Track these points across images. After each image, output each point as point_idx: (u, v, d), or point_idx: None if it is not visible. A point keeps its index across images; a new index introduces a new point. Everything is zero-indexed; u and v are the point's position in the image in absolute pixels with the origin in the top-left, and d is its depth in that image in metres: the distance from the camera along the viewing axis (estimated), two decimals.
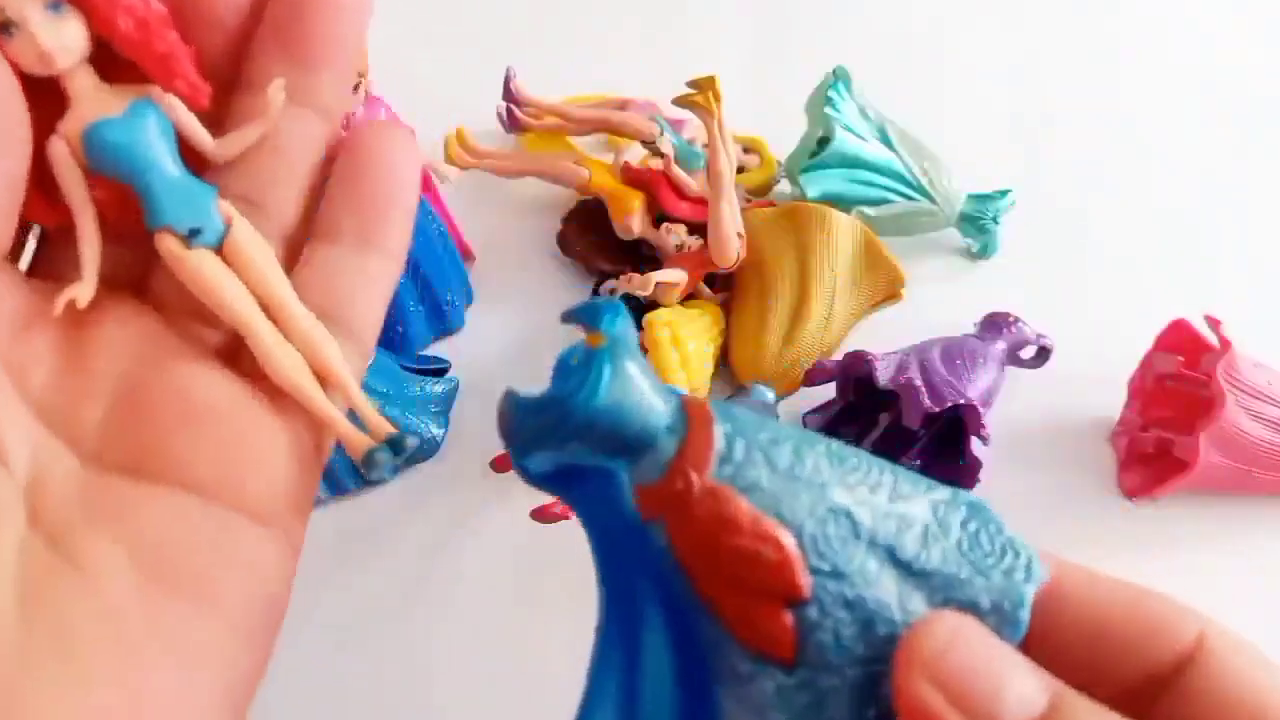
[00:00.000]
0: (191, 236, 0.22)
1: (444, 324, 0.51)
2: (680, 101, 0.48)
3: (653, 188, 0.51)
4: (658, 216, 0.52)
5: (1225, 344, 0.44)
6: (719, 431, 0.19)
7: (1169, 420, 0.47)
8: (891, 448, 0.47)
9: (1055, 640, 0.19)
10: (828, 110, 0.52)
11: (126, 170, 0.21)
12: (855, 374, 0.46)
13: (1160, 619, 0.19)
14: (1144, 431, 0.47)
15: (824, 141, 0.53)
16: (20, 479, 0.20)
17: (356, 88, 0.43)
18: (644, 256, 0.52)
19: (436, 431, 0.46)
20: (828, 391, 0.47)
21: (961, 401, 0.42)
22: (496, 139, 0.57)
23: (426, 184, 0.50)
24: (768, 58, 0.67)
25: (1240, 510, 0.47)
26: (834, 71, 0.54)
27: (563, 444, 0.19)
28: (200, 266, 0.22)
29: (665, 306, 0.49)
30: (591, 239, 0.54)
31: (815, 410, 0.48)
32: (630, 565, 0.19)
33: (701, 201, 0.50)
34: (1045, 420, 0.50)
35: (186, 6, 0.21)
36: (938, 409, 0.42)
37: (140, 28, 0.20)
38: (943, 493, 0.20)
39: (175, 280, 0.22)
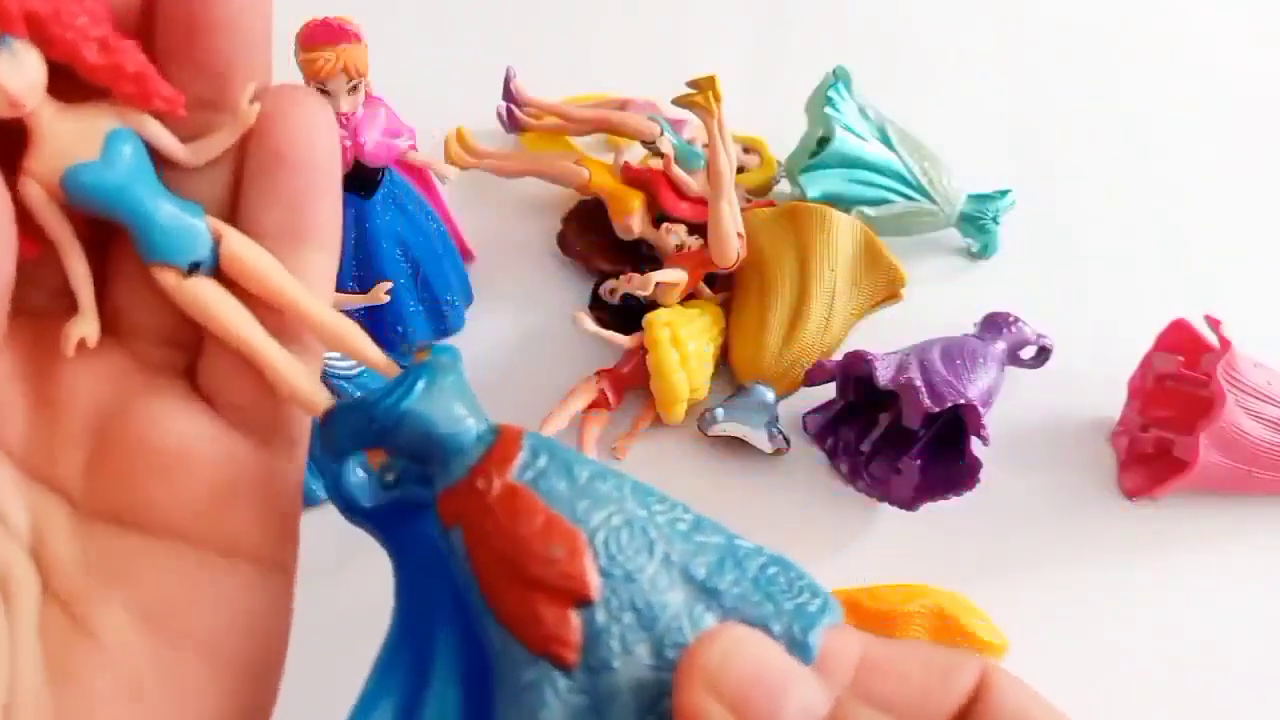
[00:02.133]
0: (192, 271, 0.21)
1: (443, 324, 0.51)
2: (680, 101, 0.48)
3: (653, 188, 0.51)
4: (658, 216, 0.52)
5: (1225, 344, 0.44)
6: (526, 443, 0.20)
7: (1169, 420, 0.47)
8: (891, 448, 0.47)
9: (873, 706, 0.19)
10: (828, 110, 0.52)
11: (116, 211, 0.20)
12: (855, 374, 0.46)
13: (951, 664, 0.19)
14: (1144, 431, 0.47)
15: (824, 141, 0.53)
16: (23, 540, 0.20)
17: (356, 88, 0.43)
18: (644, 256, 0.52)
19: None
20: (828, 391, 0.47)
21: (961, 401, 0.42)
22: (496, 139, 0.57)
23: (427, 184, 0.50)
24: (768, 58, 0.67)
25: (1240, 510, 0.47)
26: (834, 71, 0.54)
27: (371, 443, 0.20)
28: (198, 295, 0.21)
29: (665, 306, 0.49)
30: (591, 239, 0.54)
31: (815, 410, 0.48)
32: (428, 596, 0.20)
33: (701, 201, 0.50)
34: (1045, 420, 0.50)
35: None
36: (938, 409, 0.42)
37: (106, 53, 0.19)
38: (748, 543, 0.20)
39: (142, 299, 0.21)
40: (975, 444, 0.43)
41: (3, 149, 0.19)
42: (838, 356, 0.46)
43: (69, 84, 0.19)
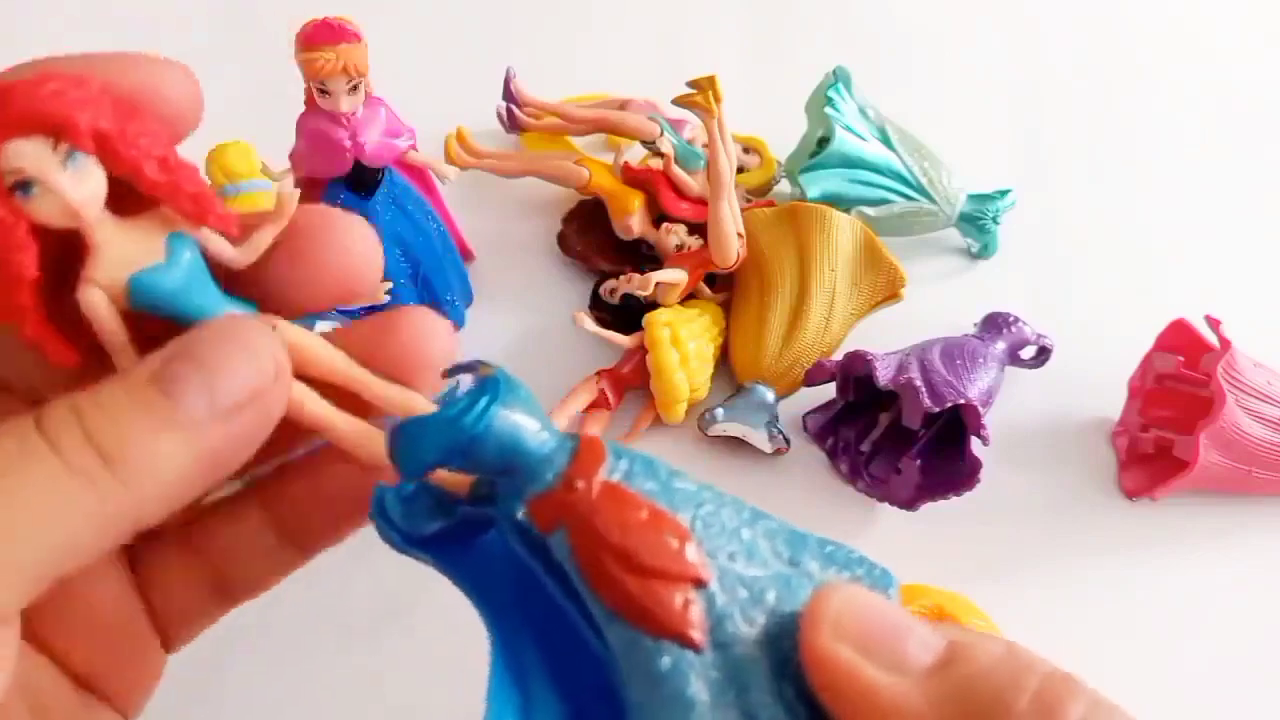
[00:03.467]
0: None
1: None
2: (680, 101, 0.48)
3: (653, 188, 0.51)
4: (658, 216, 0.52)
5: (1225, 344, 0.44)
6: (609, 447, 0.20)
7: (1169, 420, 0.47)
8: (891, 448, 0.47)
9: None
10: (828, 110, 0.52)
11: (179, 312, 0.21)
12: (855, 374, 0.46)
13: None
14: (1144, 431, 0.47)
15: (824, 141, 0.53)
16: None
17: (356, 88, 0.43)
18: (644, 256, 0.52)
19: None
20: (828, 391, 0.47)
21: (961, 401, 0.42)
22: (496, 139, 0.57)
23: (427, 184, 0.50)
24: (768, 58, 0.67)
25: (1240, 510, 0.47)
26: (834, 71, 0.54)
27: (453, 458, 0.20)
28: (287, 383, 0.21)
29: (665, 306, 0.49)
30: (591, 239, 0.54)
31: (815, 410, 0.48)
32: (519, 613, 0.20)
33: (701, 201, 0.50)
34: (1045, 420, 0.50)
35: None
36: (938, 409, 0.42)
37: (166, 171, 0.20)
38: (798, 528, 0.21)
39: None
40: (975, 444, 0.43)
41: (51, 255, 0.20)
42: (838, 356, 0.46)
43: (122, 202, 0.20)
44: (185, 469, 0.18)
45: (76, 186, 0.19)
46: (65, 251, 0.20)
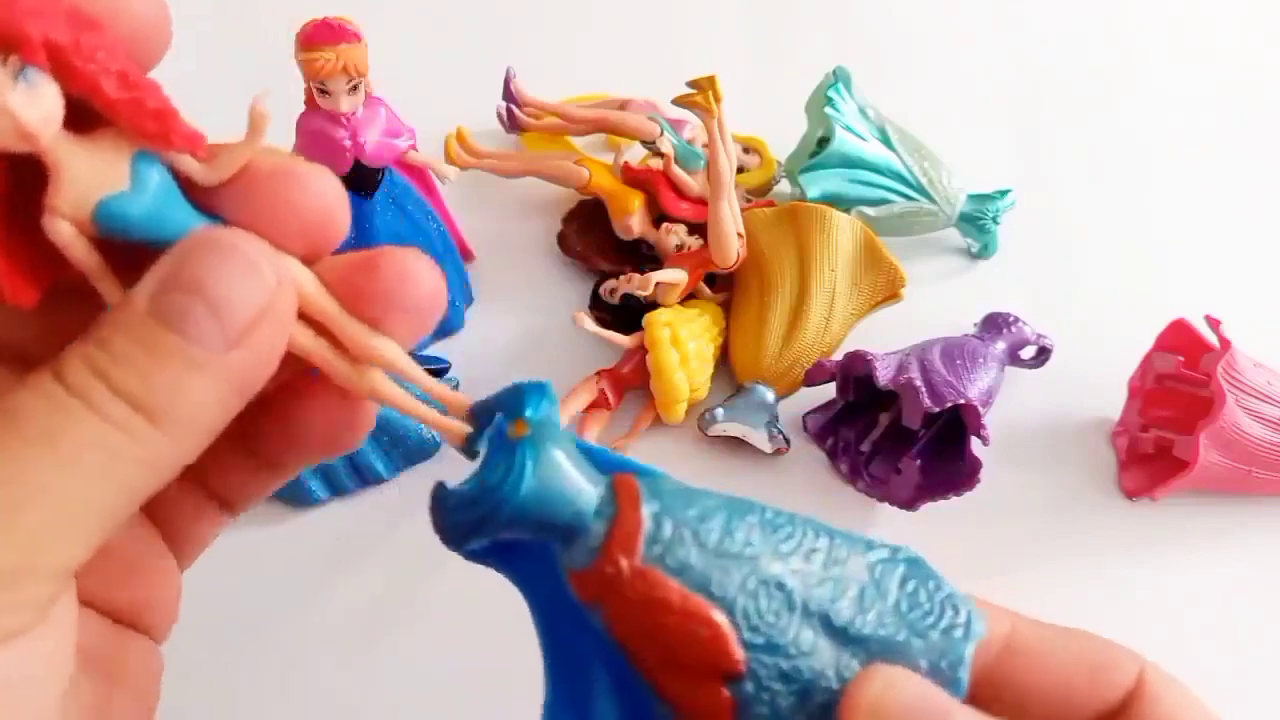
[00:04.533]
0: None
1: (443, 324, 0.51)
2: (680, 101, 0.48)
3: (653, 188, 0.51)
4: (658, 216, 0.52)
5: (1225, 344, 0.44)
6: (647, 513, 0.19)
7: (1169, 420, 0.47)
8: (891, 447, 0.47)
9: (1013, 693, 0.19)
10: (828, 110, 0.52)
11: (152, 237, 0.19)
12: (855, 374, 0.46)
13: (1104, 661, 0.20)
14: (1144, 431, 0.47)
15: (824, 141, 0.53)
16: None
17: (356, 88, 0.43)
18: (644, 256, 0.52)
19: (436, 432, 0.46)
20: (828, 391, 0.47)
21: (961, 401, 0.42)
22: (496, 139, 0.57)
23: (427, 184, 0.50)
24: (768, 58, 0.68)
25: (1240, 510, 0.47)
26: (834, 71, 0.54)
27: (494, 534, 0.19)
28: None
29: (665, 306, 0.49)
30: (591, 239, 0.54)
31: (815, 410, 0.48)
32: (576, 637, 0.20)
33: (701, 201, 0.50)
34: (1045, 420, 0.50)
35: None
36: (938, 409, 0.42)
37: (127, 87, 0.18)
38: (881, 552, 0.20)
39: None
40: (975, 444, 0.43)
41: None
42: (838, 356, 0.46)
43: (77, 121, 0.19)
44: (216, 403, 0.18)
45: (28, 106, 0.17)
46: (14, 180, 0.18)
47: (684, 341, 0.47)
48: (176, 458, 0.18)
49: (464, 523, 0.19)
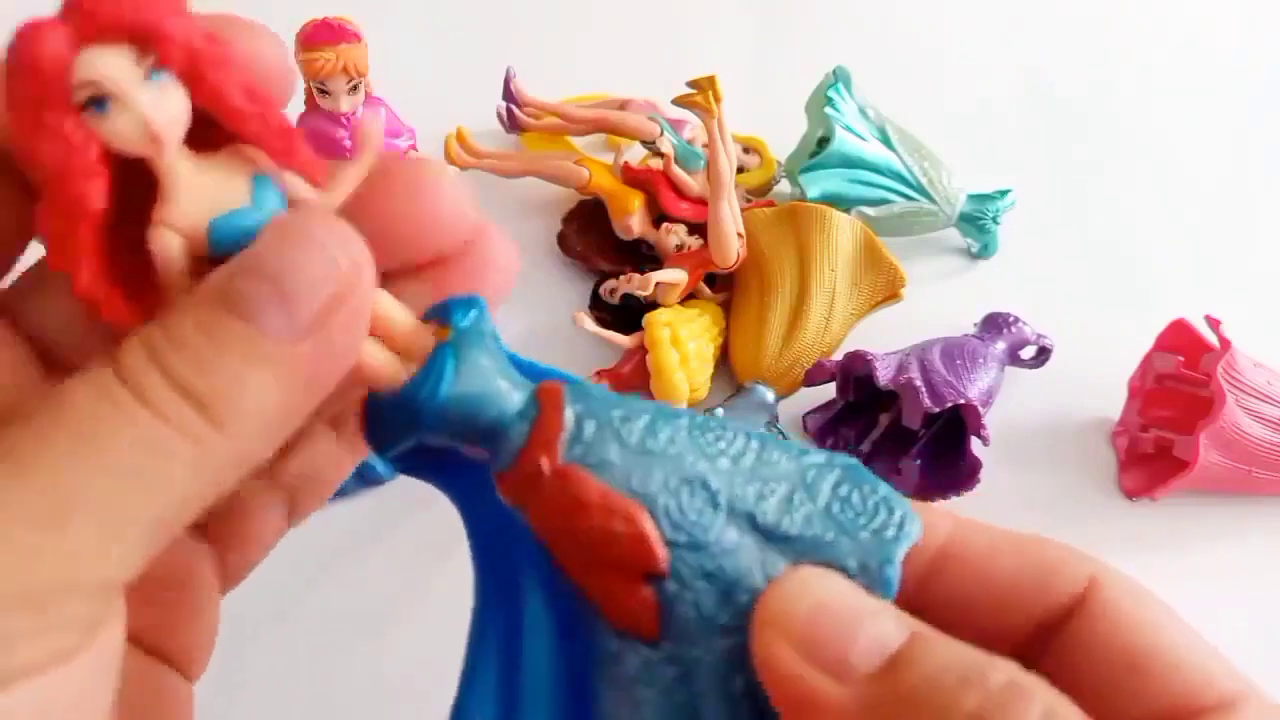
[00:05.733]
0: None
1: None
2: (680, 101, 0.48)
3: (653, 188, 0.51)
4: (658, 216, 0.52)
5: (1225, 344, 0.44)
6: (570, 414, 0.19)
7: (1169, 420, 0.47)
8: (891, 448, 0.47)
9: (950, 596, 0.18)
10: (828, 110, 0.52)
11: None
12: (855, 374, 0.46)
13: (1053, 564, 0.18)
14: (1144, 431, 0.47)
15: (824, 141, 0.53)
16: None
17: (356, 88, 0.43)
18: (644, 256, 0.52)
19: None
20: (828, 391, 0.47)
21: (961, 401, 0.42)
22: (496, 139, 0.57)
23: None
24: (768, 58, 0.68)
25: (1240, 510, 0.47)
26: (834, 71, 0.54)
27: (418, 437, 0.19)
28: None
29: (665, 306, 0.49)
30: (591, 239, 0.54)
31: (815, 410, 0.48)
32: (507, 551, 0.20)
33: (701, 201, 0.50)
34: (1045, 420, 0.50)
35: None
36: (938, 409, 0.42)
37: (254, 100, 0.17)
38: (816, 457, 0.19)
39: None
40: (975, 444, 0.43)
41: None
42: (838, 356, 0.46)
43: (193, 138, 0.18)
44: (282, 399, 0.16)
45: (159, 108, 0.16)
46: (122, 191, 0.17)
47: (684, 341, 0.47)
48: (237, 460, 0.16)
49: (389, 427, 0.19)
